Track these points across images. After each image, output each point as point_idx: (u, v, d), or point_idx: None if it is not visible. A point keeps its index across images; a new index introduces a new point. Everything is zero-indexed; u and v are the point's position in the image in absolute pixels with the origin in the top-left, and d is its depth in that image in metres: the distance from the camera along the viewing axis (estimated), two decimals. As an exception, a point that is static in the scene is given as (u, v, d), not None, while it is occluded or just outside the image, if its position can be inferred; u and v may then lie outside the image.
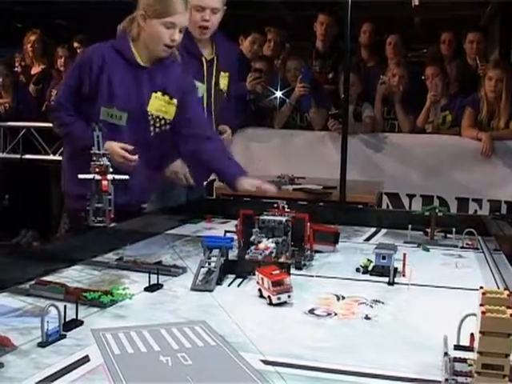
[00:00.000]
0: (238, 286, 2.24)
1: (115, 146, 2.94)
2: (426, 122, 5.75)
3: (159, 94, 3.15)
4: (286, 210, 2.59)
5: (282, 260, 2.38)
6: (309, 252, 2.56)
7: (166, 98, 3.17)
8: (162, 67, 3.16)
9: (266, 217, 2.51)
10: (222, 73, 3.72)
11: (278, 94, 5.95)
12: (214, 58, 3.67)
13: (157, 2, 2.99)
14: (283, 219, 2.50)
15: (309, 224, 2.55)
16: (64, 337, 1.64)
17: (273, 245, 2.38)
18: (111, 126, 3.04)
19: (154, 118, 3.16)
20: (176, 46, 3.11)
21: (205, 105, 3.62)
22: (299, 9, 7.87)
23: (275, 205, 2.60)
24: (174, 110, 3.20)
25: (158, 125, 3.18)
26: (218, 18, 3.52)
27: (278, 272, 2.05)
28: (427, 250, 2.93)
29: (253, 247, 2.35)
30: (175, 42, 3.06)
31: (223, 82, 3.75)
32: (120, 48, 3.08)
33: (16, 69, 7.62)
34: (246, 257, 2.30)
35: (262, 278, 2.05)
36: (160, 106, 3.16)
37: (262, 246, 2.35)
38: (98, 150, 2.65)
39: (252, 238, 2.43)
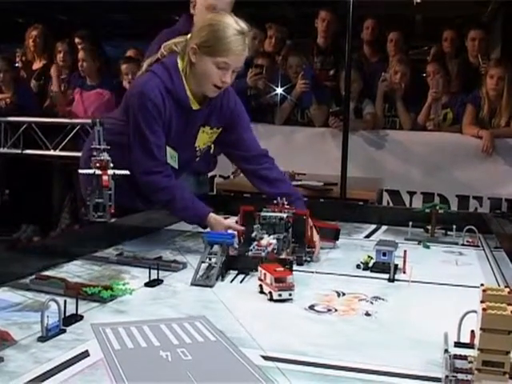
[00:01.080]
0: (241, 282, 2.24)
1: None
2: (427, 119, 5.74)
3: (207, 128, 2.95)
4: (286, 206, 2.59)
5: (283, 256, 2.38)
6: (310, 249, 2.55)
7: (214, 129, 2.99)
8: (210, 106, 2.91)
9: (267, 213, 2.53)
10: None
11: (279, 90, 5.95)
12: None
13: (211, 38, 2.67)
14: (284, 215, 2.51)
15: (310, 220, 2.56)
16: (64, 331, 1.64)
17: (274, 241, 2.40)
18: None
19: (200, 149, 3.03)
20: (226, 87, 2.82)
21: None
22: (301, 5, 7.87)
23: (275, 201, 2.61)
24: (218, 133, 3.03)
25: (203, 152, 3.09)
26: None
27: (281, 269, 2.06)
28: (428, 247, 2.93)
29: (255, 243, 2.38)
30: (225, 84, 2.76)
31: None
32: (176, 94, 2.77)
33: (17, 64, 7.61)
34: (250, 254, 2.32)
35: (265, 274, 2.05)
36: (206, 138, 3.00)
37: (264, 242, 2.37)
38: (99, 144, 2.64)
39: (253, 235, 2.45)
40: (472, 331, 1.57)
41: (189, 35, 2.81)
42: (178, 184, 2.84)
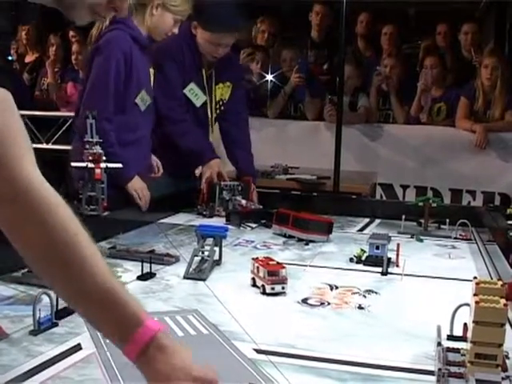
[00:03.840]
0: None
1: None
2: (420, 110, 5.74)
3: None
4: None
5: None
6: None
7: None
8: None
9: (227, 182, 3.41)
10: (221, 84, 3.70)
11: (269, 76, 5.93)
12: (213, 71, 3.65)
13: None
14: (237, 183, 3.42)
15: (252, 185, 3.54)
16: (56, 325, 1.64)
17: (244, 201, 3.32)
18: (140, 109, 3.15)
19: None
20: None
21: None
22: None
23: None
24: None
25: None
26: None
27: (274, 263, 2.06)
28: (421, 240, 2.93)
29: (237, 203, 3.30)
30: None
31: (221, 93, 3.72)
32: (138, 38, 3.11)
33: (11, 57, 7.57)
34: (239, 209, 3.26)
35: (258, 267, 2.05)
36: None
37: (243, 202, 3.29)
38: (92, 138, 2.64)
39: (223, 196, 3.34)
40: (465, 324, 1.57)
41: None
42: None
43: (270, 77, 5.98)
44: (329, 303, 1.95)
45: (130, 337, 1.14)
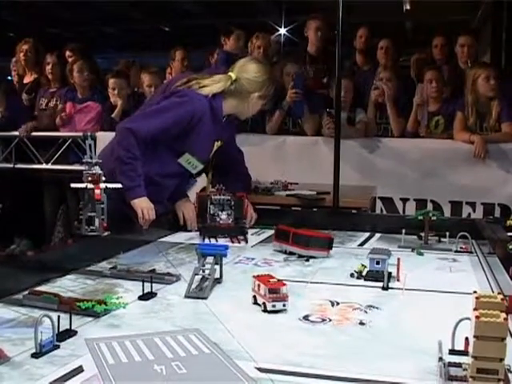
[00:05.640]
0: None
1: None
2: (417, 125, 5.75)
3: (219, 142, 3.49)
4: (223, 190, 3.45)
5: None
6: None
7: (220, 143, 3.50)
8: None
9: (217, 196, 3.40)
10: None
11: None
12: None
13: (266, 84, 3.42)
14: (229, 197, 3.41)
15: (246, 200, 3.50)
16: (58, 347, 1.64)
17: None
18: (182, 169, 3.36)
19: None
20: None
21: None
22: (292, 14, 7.89)
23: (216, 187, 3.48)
24: None
25: None
26: None
27: (275, 280, 2.06)
28: (421, 254, 2.93)
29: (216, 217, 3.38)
30: None
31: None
32: (215, 108, 3.30)
33: (11, 77, 7.60)
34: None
35: (259, 285, 2.05)
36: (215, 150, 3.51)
37: (223, 217, 3.38)
38: (91, 158, 2.65)
39: (212, 212, 3.38)
40: (466, 338, 1.57)
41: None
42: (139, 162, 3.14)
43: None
44: (330, 319, 1.94)
45: None
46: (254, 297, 2.08)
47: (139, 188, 3.10)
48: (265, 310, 2.00)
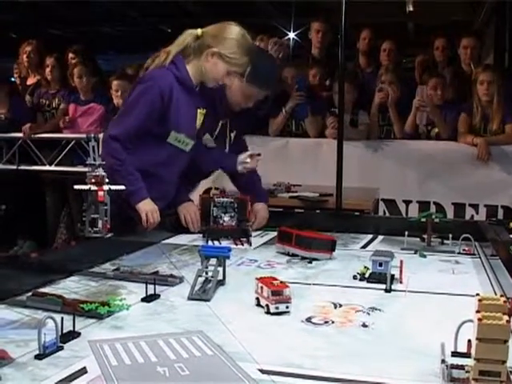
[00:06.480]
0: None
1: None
2: (415, 127, 5.75)
3: (202, 110, 3.38)
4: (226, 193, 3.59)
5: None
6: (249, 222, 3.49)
7: (204, 110, 3.40)
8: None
9: (220, 199, 3.40)
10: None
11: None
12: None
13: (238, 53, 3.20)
14: (232, 200, 3.41)
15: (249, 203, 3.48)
16: (61, 349, 1.64)
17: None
18: (174, 150, 3.27)
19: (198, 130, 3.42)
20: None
21: None
22: (295, 16, 7.89)
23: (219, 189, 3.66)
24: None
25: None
26: None
27: (278, 282, 2.06)
28: (424, 256, 2.93)
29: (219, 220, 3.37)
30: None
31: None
32: (180, 77, 3.20)
33: (14, 79, 7.61)
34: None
35: (262, 287, 2.05)
36: (201, 120, 3.40)
37: (226, 219, 3.38)
38: (94, 160, 2.65)
39: (214, 214, 3.37)
40: (469, 341, 1.57)
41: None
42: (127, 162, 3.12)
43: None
44: (333, 321, 1.95)
45: None
46: (257, 299, 2.08)
47: (141, 190, 3.09)
48: (268, 312, 2.00)
